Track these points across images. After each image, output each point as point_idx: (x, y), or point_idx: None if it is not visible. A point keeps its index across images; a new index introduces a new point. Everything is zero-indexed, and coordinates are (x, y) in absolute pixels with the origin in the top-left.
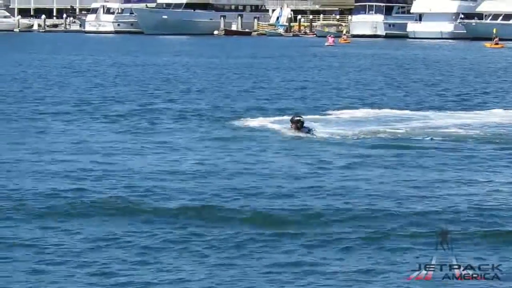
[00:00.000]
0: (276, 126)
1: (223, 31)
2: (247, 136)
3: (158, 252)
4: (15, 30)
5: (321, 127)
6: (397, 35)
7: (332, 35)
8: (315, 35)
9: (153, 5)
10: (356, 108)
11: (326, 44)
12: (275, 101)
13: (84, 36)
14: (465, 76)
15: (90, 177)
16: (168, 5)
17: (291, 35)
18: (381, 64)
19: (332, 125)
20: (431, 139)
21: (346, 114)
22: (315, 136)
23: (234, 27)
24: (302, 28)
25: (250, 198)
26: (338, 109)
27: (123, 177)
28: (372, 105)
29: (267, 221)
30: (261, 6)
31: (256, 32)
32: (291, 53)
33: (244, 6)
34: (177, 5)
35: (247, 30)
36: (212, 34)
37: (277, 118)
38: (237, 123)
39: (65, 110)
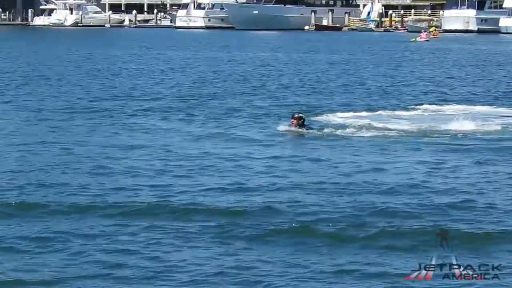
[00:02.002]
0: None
1: (314, 26)
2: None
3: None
4: (106, 25)
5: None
6: (489, 30)
7: (424, 30)
8: (406, 30)
9: (244, 0)
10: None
11: (418, 39)
12: (373, 97)
13: (175, 31)
14: None
15: (177, 176)
16: (259, 0)
17: (382, 30)
18: (481, 60)
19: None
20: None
21: (432, 109)
22: (317, 133)
23: (325, 22)
24: (393, 23)
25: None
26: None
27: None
28: (465, 101)
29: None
30: (352, 1)
31: (347, 27)
32: (384, 48)
33: (335, 1)
34: (268, 1)
35: (338, 25)
36: (303, 29)
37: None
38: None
39: (165, 106)
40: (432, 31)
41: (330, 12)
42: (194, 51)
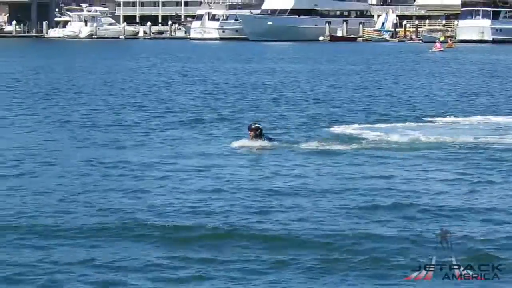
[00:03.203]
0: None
1: (328, 37)
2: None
3: None
4: (120, 37)
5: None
6: (505, 40)
7: (439, 41)
8: (420, 41)
9: (258, 11)
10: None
11: (433, 49)
12: (390, 107)
13: (189, 43)
14: None
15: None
16: (273, 11)
17: (397, 40)
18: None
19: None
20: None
21: (448, 121)
22: (276, 144)
23: (339, 33)
24: (407, 33)
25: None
26: (447, 115)
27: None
28: (483, 112)
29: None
30: (366, 11)
31: (361, 38)
32: (400, 58)
33: (349, 12)
34: (282, 11)
35: (352, 36)
36: (317, 40)
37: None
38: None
39: (188, 118)
40: (446, 40)
41: (344, 23)
42: (213, 62)
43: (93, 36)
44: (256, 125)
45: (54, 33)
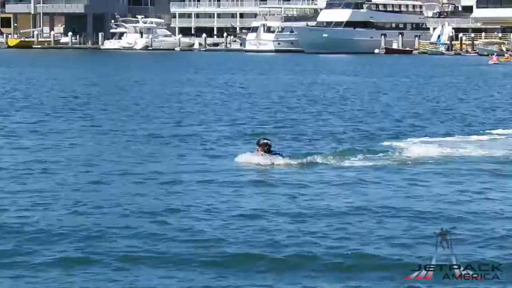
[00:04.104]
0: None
1: (384, 50)
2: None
3: None
4: (176, 49)
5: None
6: None
7: (496, 53)
8: (476, 54)
9: (314, 23)
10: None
11: (490, 62)
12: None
13: (244, 55)
14: None
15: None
16: (329, 24)
17: (453, 53)
18: None
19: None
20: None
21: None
22: (287, 161)
23: (394, 46)
24: (463, 46)
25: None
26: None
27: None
28: None
29: None
30: (422, 24)
31: (417, 51)
32: (457, 71)
33: (405, 24)
34: (338, 24)
35: (408, 48)
36: (373, 52)
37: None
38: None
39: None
40: (506, 55)
41: (400, 35)
42: (271, 75)
43: (149, 48)
44: (265, 141)
45: (109, 44)
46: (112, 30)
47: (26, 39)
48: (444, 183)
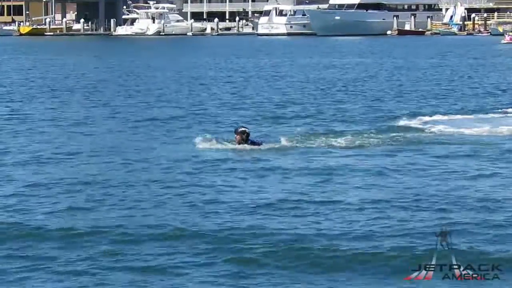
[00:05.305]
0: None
1: (396, 31)
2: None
3: None
4: (188, 34)
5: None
6: None
7: (510, 33)
8: (489, 34)
9: (325, 6)
10: None
11: (503, 41)
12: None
13: (257, 38)
14: None
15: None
16: (341, 6)
17: (465, 34)
18: None
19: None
20: None
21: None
22: (261, 148)
23: (407, 27)
24: (476, 26)
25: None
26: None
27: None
28: None
29: None
30: (435, 5)
31: (429, 32)
32: (469, 51)
33: (417, 6)
34: (350, 6)
35: (420, 29)
36: (385, 34)
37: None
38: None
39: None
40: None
41: (412, 17)
42: (289, 59)
43: (161, 33)
44: (243, 129)
45: (121, 30)
46: (124, 16)
47: (38, 27)
48: (455, 169)
